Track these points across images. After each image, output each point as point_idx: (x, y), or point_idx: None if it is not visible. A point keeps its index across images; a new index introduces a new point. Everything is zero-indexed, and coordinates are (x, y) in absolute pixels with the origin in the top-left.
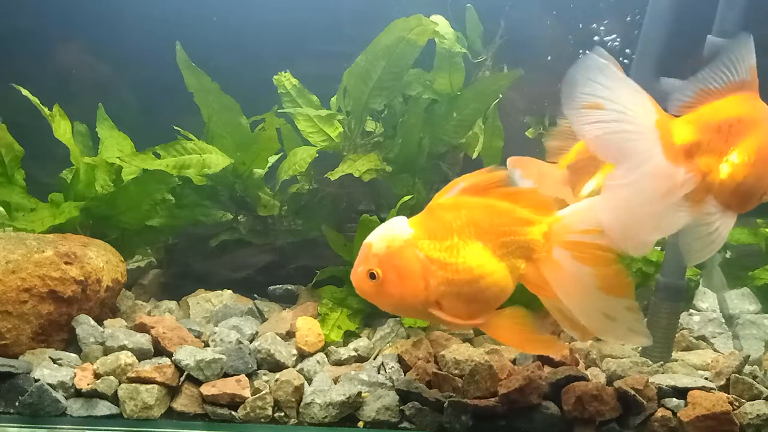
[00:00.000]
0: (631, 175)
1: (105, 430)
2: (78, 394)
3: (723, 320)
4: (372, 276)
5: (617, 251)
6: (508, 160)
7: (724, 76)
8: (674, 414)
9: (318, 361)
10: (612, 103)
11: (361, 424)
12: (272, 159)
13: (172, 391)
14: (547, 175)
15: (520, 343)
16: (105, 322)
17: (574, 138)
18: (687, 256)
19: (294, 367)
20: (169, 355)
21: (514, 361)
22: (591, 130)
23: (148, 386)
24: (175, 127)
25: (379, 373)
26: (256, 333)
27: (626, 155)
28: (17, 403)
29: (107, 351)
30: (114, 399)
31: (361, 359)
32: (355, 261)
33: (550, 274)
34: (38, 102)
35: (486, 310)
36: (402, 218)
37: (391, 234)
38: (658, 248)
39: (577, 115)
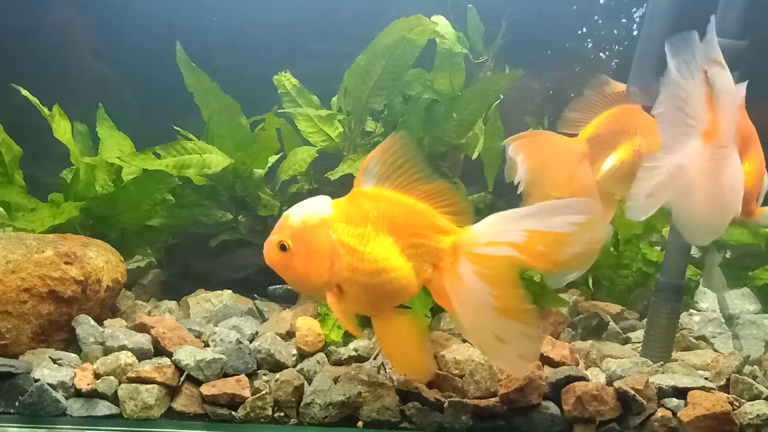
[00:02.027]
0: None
1: (105, 430)
2: (78, 394)
3: (723, 320)
4: (283, 247)
5: (529, 272)
6: (508, 144)
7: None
8: (674, 414)
9: (318, 361)
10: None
11: (360, 424)
12: (272, 159)
13: (172, 391)
14: (561, 148)
15: (394, 353)
16: (105, 322)
17: (595, 111)
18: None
19: (294, 367)
20: (169, 355)
21: None
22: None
23: (148, 386)
24: (175, 127)
25: (379, 373)
26: (256, 333)
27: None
28: (17, 403)
29: (107, 351)
30: (114, 399)
31: (361, 359)
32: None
33: (450, 285)
34: (38, 102)
35: (384, 304)
36: (326, 198)
37: (310, 210)
38: (658, 248)
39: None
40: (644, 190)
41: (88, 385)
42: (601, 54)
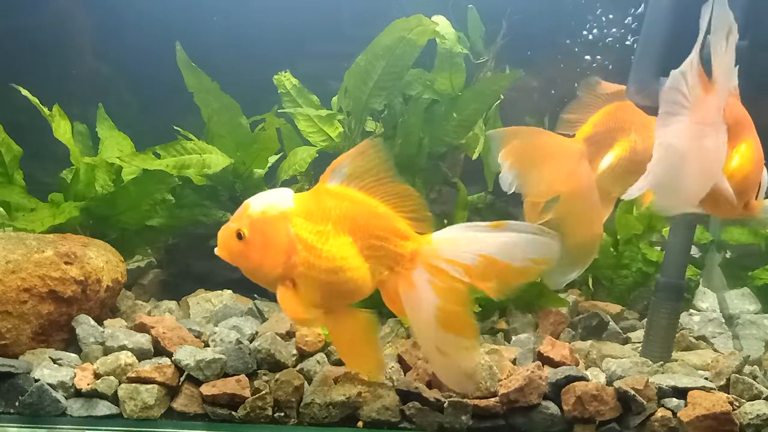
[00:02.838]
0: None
1: (105, 430)
2: (78, 394)
3: (723, 320)
4: (239, 236)
5: (475, 291)
6: (493, 138)
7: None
8: (674, 414)
9: (318, 361)
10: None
11: (360, 424)
12: (272, 159)
13: (172, 391)
14: (556, 148)
15: (349, 354)
16: (105, 322)
17: (590, 111)
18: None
19: (294, 367)
20: (169, 355)
21: (514, 361)
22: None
23: (148, 386)
24: (175, 127)
25: None
26: (256, 333)
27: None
28: (17, 403)
29: (107, 351)
30: (114, 399)
31: None
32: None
33: (402, 291)
34: (38, 102)
35: (337, 302)
36: (288, 190)
37: (271, 201)
38: (658, 248)
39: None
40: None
41: (88, 385)
42: (600, 54)
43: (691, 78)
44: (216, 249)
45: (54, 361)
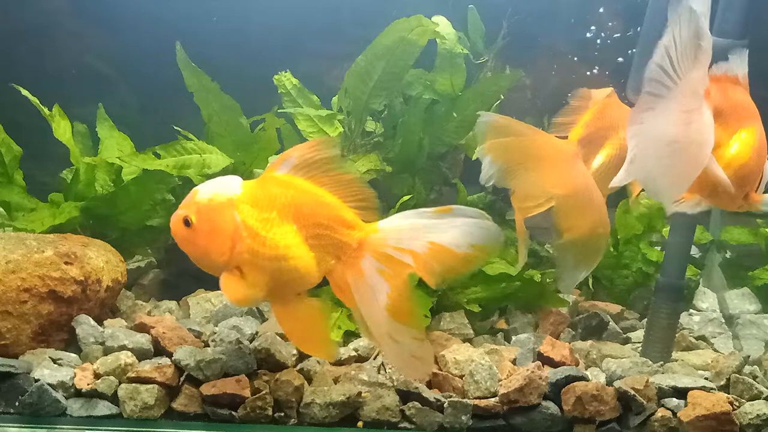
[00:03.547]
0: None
1: (105, 430)
2: (78, 394)
3: (723, 320)
4: (187, 222)
5: (426, 279)
6: (480, 147)
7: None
8: (674, 414)
9: (318, 361)
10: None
11: (360, 424)
12: (272, 159)
13: (172, 391)
14: (551, 150)
15: (299, 339)
16: (105, 322)
17: (580, 113)
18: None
19: (294, 367)
20: (169, 355)
21: (514, 361)
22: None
23: (148, 386)
24: (175, 127)
25: (379, 373)
26: (256, 333)
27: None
28: (17, 403)
29: (107, 351)
30: (114, 399)
31: (361, 359)
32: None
33: (352, 280)
34: (38, 102)
35: (282, 291)
36: (237, 178)
37: (218, 188)
38: (658, 248)
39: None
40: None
41: (88, 385)
42: (600, 53)
43: (674, 58)
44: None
45: (54, 361)
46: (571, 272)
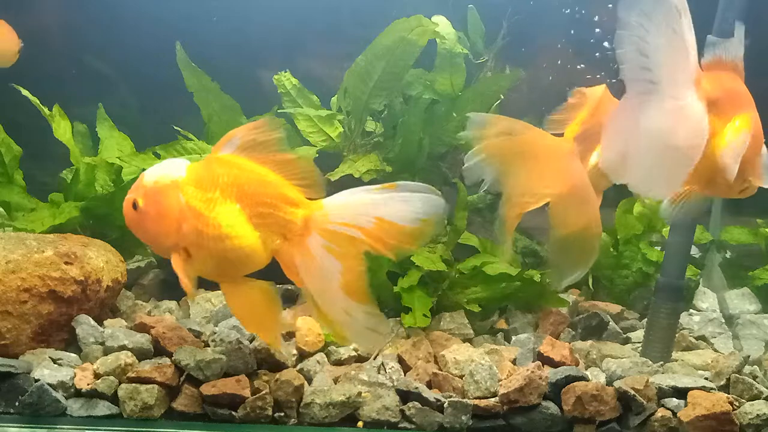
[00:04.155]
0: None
1: (105, 430)
2: (78, 394)
3: (723, 320)
4: (135, 206)
5: (377, 253)
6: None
7: (733, 53)
8: (674, 414)
9: (318, 361)
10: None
11: (360, 424)
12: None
13: (172, 391)
14: (547, 147)
15: (247, 319)
16: (105, 322)
17: (576, 110)
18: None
19: (294, 367)
20: (169, 355)
21: (514, 361)
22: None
23: (148, 386)
24: (175, 127)
25: (379, 373)
26: None
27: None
28: (17, 403)
29: (107, 351)
30: (114, 399)
31: (361, 359)
32: None
33: (300, 259)
34: (38, 102)
35: (229, 271)
36: (183, 161)
37: (163, 171)
38: (658, 248)
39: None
40: (616, 151)
41: (88, 385)
42: (600, 53)
43: (650, 56)
44: None
45: (54, 361)
46: (566, 271)
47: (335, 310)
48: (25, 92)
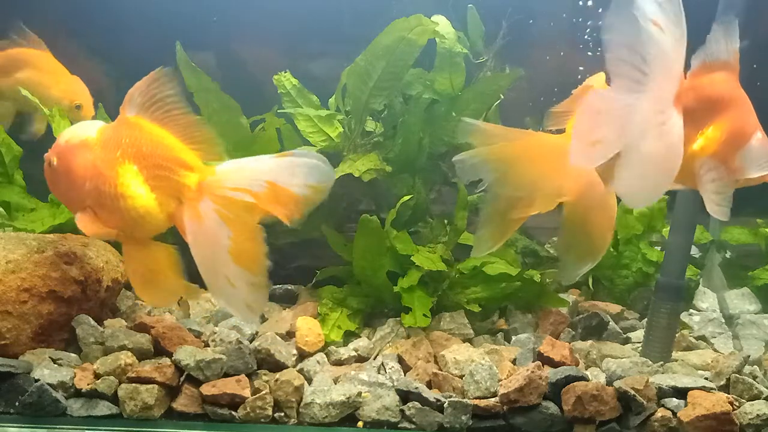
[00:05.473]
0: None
1: (105, 430)
2: (78, 394)
3: (723, 320)
4: (50, 164)
5: (271, 217)
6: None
7: (718, 53)
8: (674, 414)
9: (318, 361)
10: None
11: (360, 424)
12: None
13: (172, 391)
14: (550, 149)
15: (140, 283)
16: (105, 322)
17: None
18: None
19: (294, 367)
20: (169, 355)
21: (514, 361)
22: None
23: (148, 386)
24: None
25: (379, 373)
26: (256, 333)
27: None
28: (17, 403)
29: (107, 351)
30: (114, 399)
31: (361, 359)
32: None
33: (189, 222)
34: (38, 102)
35: (131, 230)
36: (98, 122)
37: (77, 130)
38: (658, 248)
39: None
40: (589, 135)
41: (88, 385)
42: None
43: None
44: None
45: (54, 361)
46: (575, 264)
47: (218, 278)
48: (24, 92)
